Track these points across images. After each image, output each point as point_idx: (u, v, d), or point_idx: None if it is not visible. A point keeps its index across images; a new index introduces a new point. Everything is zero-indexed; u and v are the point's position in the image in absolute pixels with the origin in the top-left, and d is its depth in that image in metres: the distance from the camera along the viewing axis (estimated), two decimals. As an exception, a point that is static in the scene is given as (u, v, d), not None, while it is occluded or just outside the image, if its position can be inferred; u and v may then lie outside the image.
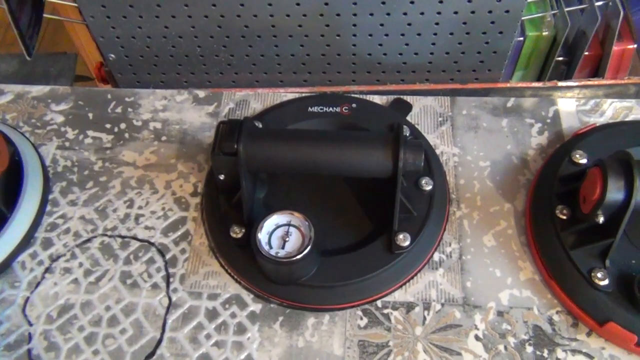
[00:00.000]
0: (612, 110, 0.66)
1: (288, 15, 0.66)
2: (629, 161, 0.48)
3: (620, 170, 0.48)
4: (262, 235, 0.52)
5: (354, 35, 0.68)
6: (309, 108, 0.64)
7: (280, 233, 0.52)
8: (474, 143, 0.64)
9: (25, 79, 0.78)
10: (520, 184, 0.61)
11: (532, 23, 0.79)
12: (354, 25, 0.67)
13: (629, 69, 0.85)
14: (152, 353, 0.53)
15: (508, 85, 0.75)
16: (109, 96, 0.70)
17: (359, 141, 0.52)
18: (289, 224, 0.53)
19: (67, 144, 0.66)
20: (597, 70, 0.85)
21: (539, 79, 0.85)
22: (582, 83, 0.74)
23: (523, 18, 0.78)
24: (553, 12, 0.77)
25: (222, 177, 0.55)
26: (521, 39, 0.79)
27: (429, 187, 0.57)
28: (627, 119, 0.65)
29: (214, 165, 0.54)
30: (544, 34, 0.78)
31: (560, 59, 0.84)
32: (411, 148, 0.51)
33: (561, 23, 0.76)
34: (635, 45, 0.81)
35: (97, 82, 0.81)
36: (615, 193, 0.48)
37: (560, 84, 0.74)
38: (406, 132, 0.61)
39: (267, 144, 0.53)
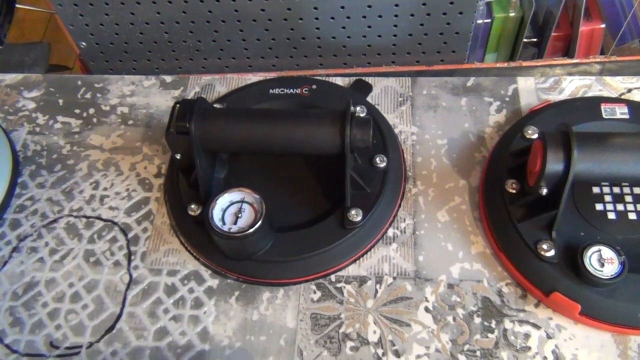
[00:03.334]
0: (571, 87, 0.66)
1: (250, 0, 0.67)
2: (568, 133, 0.49)
3: (559, 143, 0.49)
4: (216, 212, 0.53)
5: (316, 18, 0.69)
6: (270, 90, 0.66)
7: (234, 210, 0.54)
8: (433, 122, 0.65)
9: (1, 67, 0.80)
10: (476, 160, 0.62)
11: (499, 5, 0.79)
12: (315, 8, 0.68)
13: (600, 49, 0.85)
14: (112, 327, 0.54)
15: (473, 66, 0.75)
16: (79, 82, 0.72)
17: (307, 119, 0.54)
18: (242, 201, 0.54)
19: (37, 129, 0.68)
20: (567, 51, 0.86)
21: (510, 61, 0.85)
22: (547, 63, 0.74)
23: (490, 0, 0.79)
24: (519, -7, 0.78)
25: (178, 156, 0.56)
26: (488, 20, 0.80)
27: (383, 165, 0.58)
28: (585, 96, 0.65)
29: (169, 144, 0.55)
30: (510, 15, 0.79)
31: (531, 40, 0.84)
32: (359, 124, 0.52)
33: (527, 4, 0.77)
34: (604, 25, 0.81)
35: (83, 71, 0.83)
36: (554, 164, 0.48)
37: (525, 64, 0.74)
38: (363, 112, 0.62)
39: (219, 123, 0.54)
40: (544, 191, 0.50)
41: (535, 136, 0.58)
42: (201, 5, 0.68)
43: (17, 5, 0.73)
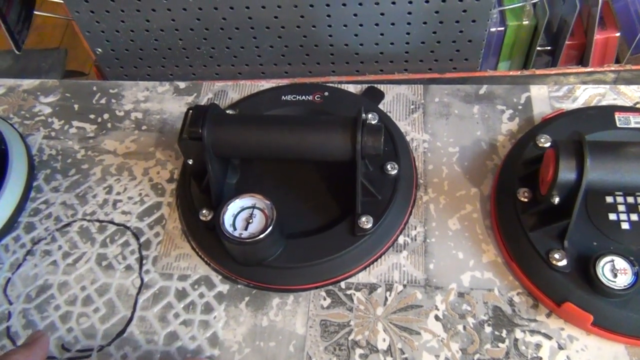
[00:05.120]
0: (585, 96, 0.66)
1: (263, 7, 0.68)
2: (581, 142, 0.48)
3: (572, 151, 0.48)
4: (227, 217, 0.53)
5: (329, 25, 0.69)
6: (283, 97, 0.66)
7: (245, 215, 0.54)
8: (445, 129, 0.65)
9: (18, 73, 0.81)
10: (487, 168, 0.62)
11: (512, 13, 0.79)
12: (328, 15, 0.68)
13: (615, 58, 0.84)
14: (123, 331, 0.55)
15: (486, 74, 0.75)
16: (94, 88, 0.73)
17: (319, 125, 0.54)
18: (253, 207, 0.54)
19: (52, 133, 0.69)
20: (582, 60, 0.85)
21: (523, 69, 0.85)
22: (561, 71, 0.74)
23: (503, 8, 0.78)
24: (533, 1, 0.77)
25: (190, 161, 0.56)
26: (502, 28, 0.79)
27: (394, 172, 0.58)
28: (599, 105, 0.65)
29: (182, 150, 0.55)
30: (524, 23, 0.79)
31: (545, 48, 0.84)
32: (370, 131, 0.52)
33: (541, 12, 0.77)
34: (619, 34, 0.81)
35: (98, 77, 0.84)
36: (566, 173, 0.48)
37: (538, 72, 0.74)
38: (375, 119, 0.62)
39: (231, 129, 0.54)
40: (556, 200, 0.50)
41: (548, 145, 0.57)
42: (215, 13, 0.69)
43: (35, 12, 0.74)
